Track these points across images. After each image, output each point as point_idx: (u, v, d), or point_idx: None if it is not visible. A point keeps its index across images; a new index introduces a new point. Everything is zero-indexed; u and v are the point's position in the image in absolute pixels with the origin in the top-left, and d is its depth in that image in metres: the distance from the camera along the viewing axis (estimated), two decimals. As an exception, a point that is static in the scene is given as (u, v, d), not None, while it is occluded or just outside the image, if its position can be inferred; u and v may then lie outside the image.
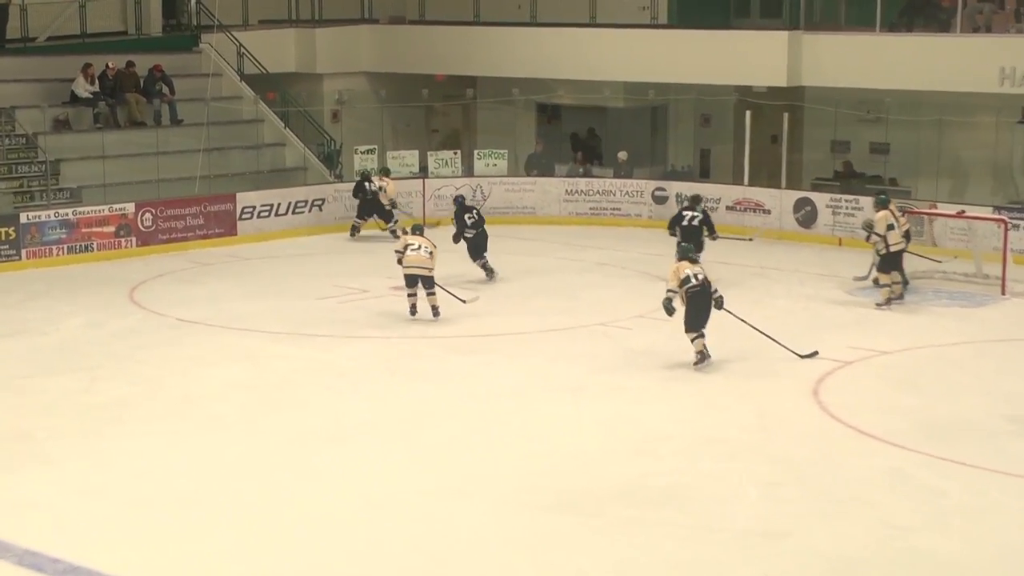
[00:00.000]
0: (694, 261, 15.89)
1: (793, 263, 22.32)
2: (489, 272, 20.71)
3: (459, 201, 21.53)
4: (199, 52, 27.97)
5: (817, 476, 12.26)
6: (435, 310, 18.09)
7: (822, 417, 14.06)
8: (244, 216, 24.47)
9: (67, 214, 22.39)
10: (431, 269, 18.11)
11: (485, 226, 21.02)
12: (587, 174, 27.56)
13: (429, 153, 27.40)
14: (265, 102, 27.36)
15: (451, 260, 20.06)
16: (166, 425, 13.73)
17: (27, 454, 12.78)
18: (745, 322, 16.06)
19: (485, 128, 30.44)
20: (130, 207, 23.15)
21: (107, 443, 13.15)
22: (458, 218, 20.99)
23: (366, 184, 24.78)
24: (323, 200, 25.48)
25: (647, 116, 29.62)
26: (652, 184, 26.54)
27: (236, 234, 24.30)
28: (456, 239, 20.82)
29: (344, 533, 10.86)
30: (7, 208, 22.43)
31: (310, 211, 25.31)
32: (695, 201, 20.95)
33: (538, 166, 27.96)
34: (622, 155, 27.38)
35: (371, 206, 24.78)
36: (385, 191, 24.68)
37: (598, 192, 26.66)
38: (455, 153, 27.50)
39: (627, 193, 26.40)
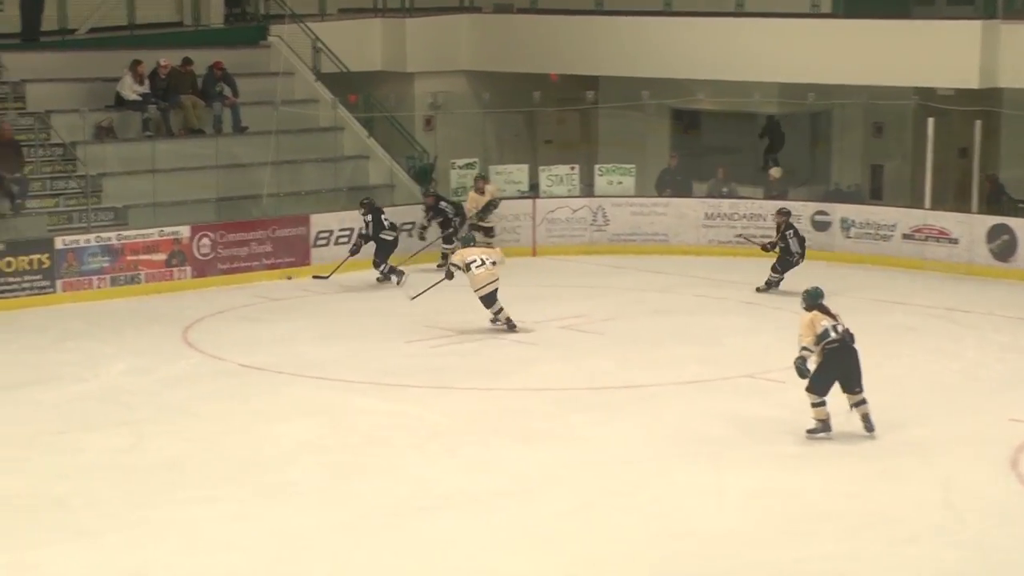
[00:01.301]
0: (827, 309, 15.50)
1: (986, 304, 22.06)
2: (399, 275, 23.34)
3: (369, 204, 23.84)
4: (267, 47, 28.35)
5: (1017, 567, 12.07)
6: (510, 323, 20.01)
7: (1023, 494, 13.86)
8: (319, 242, 24.73)
9: (110, 239, 22.83)
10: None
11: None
12: (732, 193, 27.46)
13: (540, 168, 27.45)
14: (345, 106, 27.64)
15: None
16: (224, 492, 13.88)
17: (60, 525, 12.97)
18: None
19: (608, 139, 30.41)
20: (184, 231, 23.54)
21: (154, 513, 13.30)
22: (376, 220, 23.44)
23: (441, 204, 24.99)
24: (413, 223, 25.63)
25: (806, 124, 29.52)
26: (812, 206, 26.40)
27: (310, 263, 24.58)
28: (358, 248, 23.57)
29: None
30: (41, 231, 22.90)
31: (423, 242, 25.42)
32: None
33: (672, 184, 27.93)
34: (775, 171, 27.27)
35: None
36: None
37: (745, 216, 26.57)
38: (572, 168, 27.54)
39: (781, 218, 26.26)
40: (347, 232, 24.89)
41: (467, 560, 12.17)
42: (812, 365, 15.26)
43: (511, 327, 19.98)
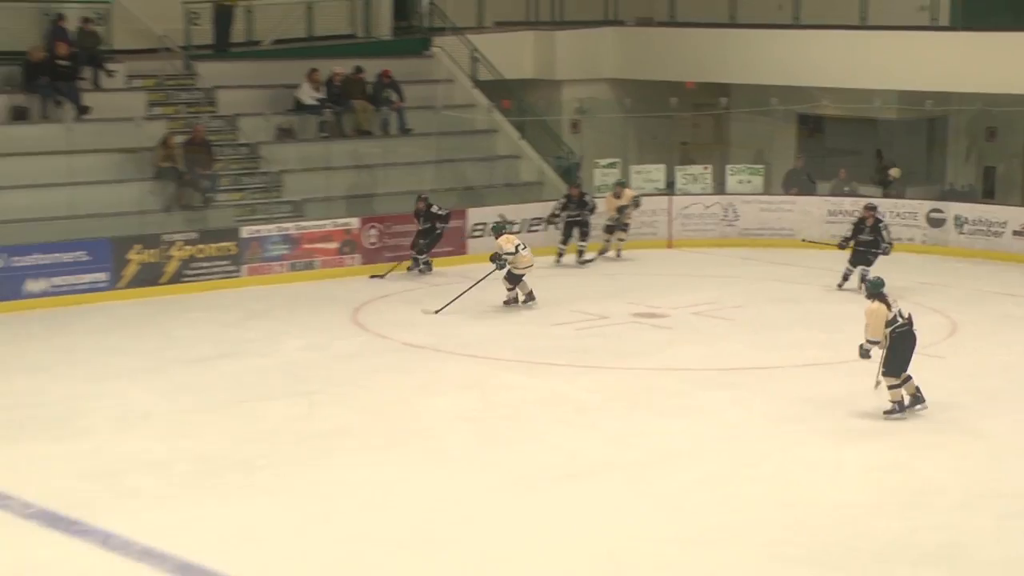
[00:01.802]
0: (887, 298, 15.14)
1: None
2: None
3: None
4: (430, 56, 28.54)
5: (1116, 540, 11.84)
6: (531, 295, 20.88)
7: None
8: (475, 233, 24.84)
9: (289, 229, 23.12)
10: None
11: None
12: (853, 192, 27.14)
13: (677, 168, 27.36)
14: (500, 110, 27.75)
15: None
16: (388, 457, 14.03)
17: (244, 483, 13.22)
18: None
19: (739, 141, 30.23)
20: (355, 222, 23.77)
21: (326, 474, 13.49)
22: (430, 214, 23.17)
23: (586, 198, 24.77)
24: (559, 217, 25.63)
25: (923, 129, 29.05)
26: (927, 205, 26.00)
27: (466, 252, 24.69)
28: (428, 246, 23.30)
29: (578, 581, 10.92)
30: (228, 222, 23.25)
31: (546, 229, 25.49)
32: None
33: (798, 183, 27.67)
34: (894, 172, 26.91)
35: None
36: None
37: (865, 213, 26.25)
38: (705, 168, 27.40)
39: (899, 214, 25.84)
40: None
41: (605, 524, 12.16)
42: (875, 353, 15.08)
43: (531, 297, 20.87)
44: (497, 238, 20.84)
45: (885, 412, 15.12)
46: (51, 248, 20.94)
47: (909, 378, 15.15)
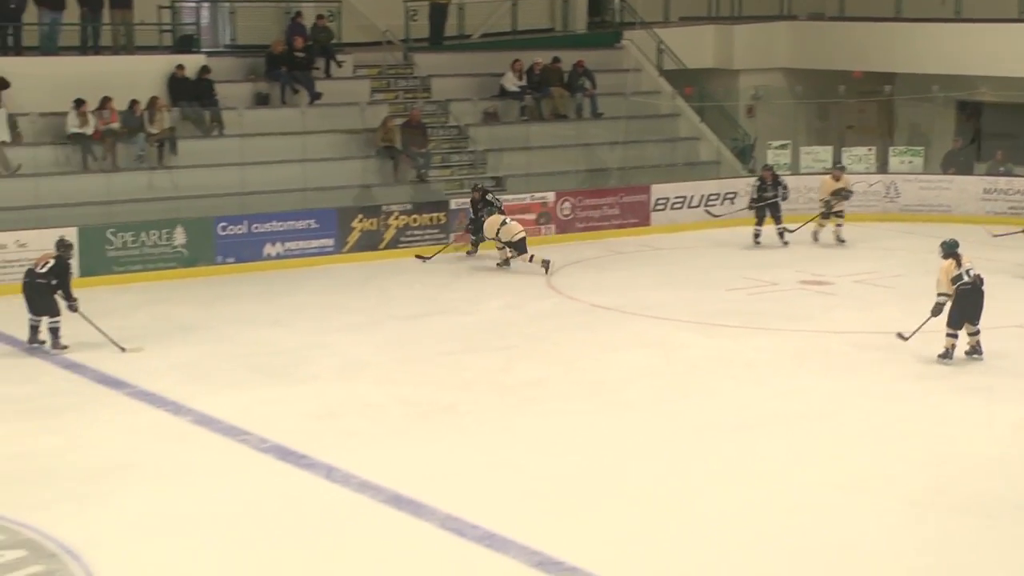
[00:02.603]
0: (961, 257, 15.23)
1: None
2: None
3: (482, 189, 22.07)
4: (621, 48, 28.36)
5: None
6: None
7: None
8: (657, 207, 24.66)
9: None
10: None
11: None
12: (1008, 172, 26.23)
13: (843, 149, 26.78)
14: (682, 97, 27.50)
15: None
16: (577, 406, 14.00)
17: (449, 426, 13.32)
18: None
19: (902, 125, 29.50)
20: (550, 196, 23.76)
21: (523, 419, 13.53)
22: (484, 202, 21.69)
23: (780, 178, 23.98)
24: (735, 193, 25.27)
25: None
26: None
27: (649, 224, 24.53)
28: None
29: (744, 523, 10.76)
30: (438, 195, 23.44)
31: (722, 204, 25.21)
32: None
33: (956, 164, 26.84)
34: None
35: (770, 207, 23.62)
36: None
37: (1019, 191, 25.34)
38: (869, 150, 26.77)
39: (1053, 193, 24.91)
40: (681, 199, 24.81)
41: (771, 470, 11.99)
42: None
43: (546, 265, 20.45)
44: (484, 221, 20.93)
45: (939, 356, 15.23)
46: (286, 216, 21.33)
47: (976, 332, 15.16)
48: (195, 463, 12.17)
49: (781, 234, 23.06)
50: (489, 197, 21.79)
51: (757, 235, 23.17)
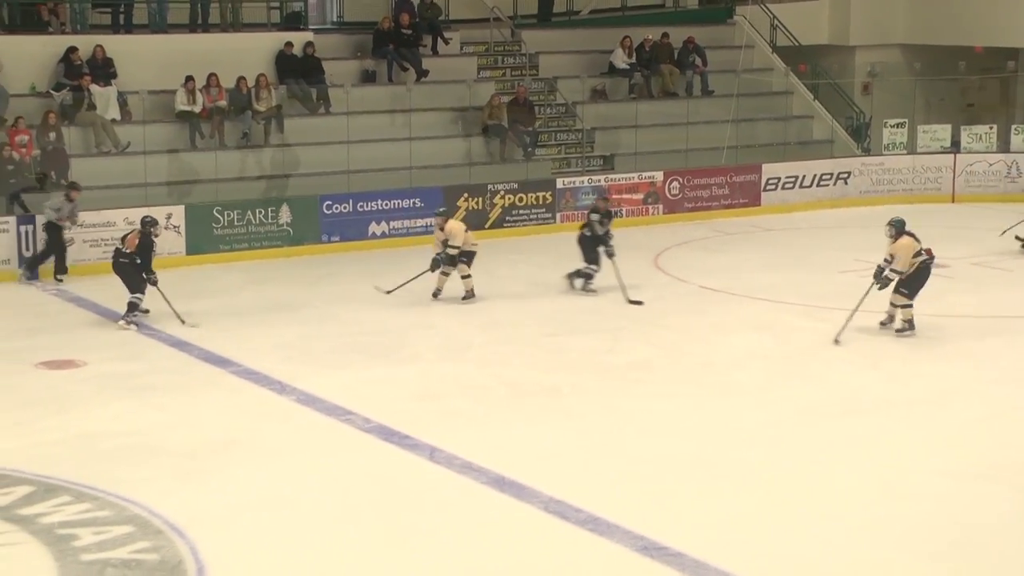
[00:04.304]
0: (913, 235, 15.57)
1: None
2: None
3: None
4: (733, 24, 28.12)
5: None
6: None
7: None
8: (768, 187, 24.44)
9: (599, 180, 23.14)
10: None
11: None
12: None
13: (963, 127, 26.28)
14: (796, 74, 27.20)
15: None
16: (684, 388, 13.95)
17: (552, 408, 13.34)
18: None
19: (1024, 102, 28.91)
20: (659, 175, 23.66)
21: (628, 402, 13.50)
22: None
23: None
24: (849, 173, 25.06)
25: None
26: None
27: (759, 204, 24.33)
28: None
29: (853, 510, 10.64)
30: (546, 174, 23.44)
31: (835, 184, 24.96)
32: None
33: (1079, 143, 26.23)
34: None
35: None
36: None
37: None
38: (991, 128, 26.22)
39: None
40: (792, 179, 24.55)
41: (882, 456, 11.83)
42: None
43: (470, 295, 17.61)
44: (442, 227, 17.66)
45: (897, 331, 15.63)
46: (391, 195, 21.50)
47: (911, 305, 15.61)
48: (299, 442, 12.32)
49: None
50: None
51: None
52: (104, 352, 15.19)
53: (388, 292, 17.59)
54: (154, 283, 16.25)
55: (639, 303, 17.27)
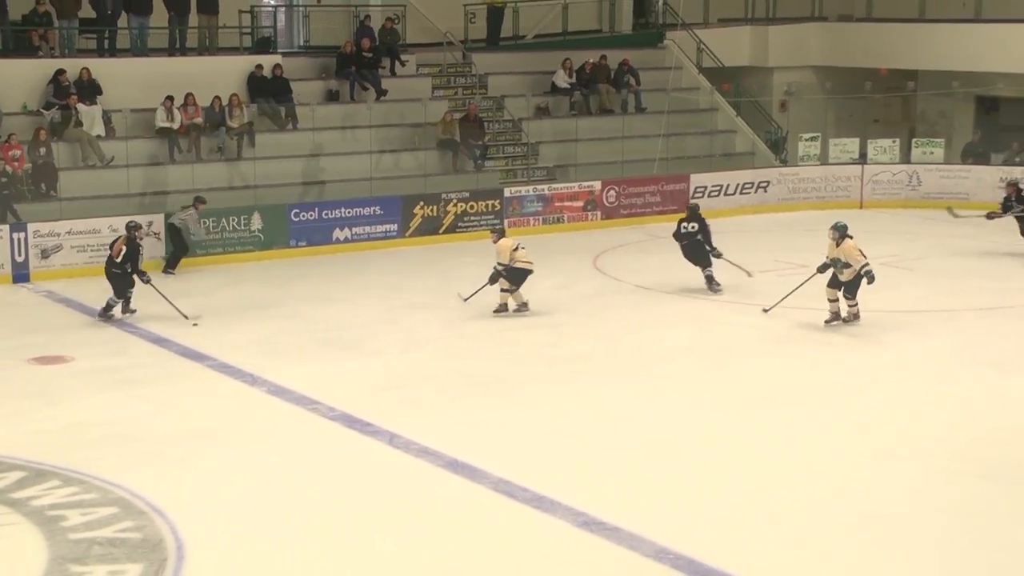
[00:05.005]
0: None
1: None
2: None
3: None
4: (663, 48, 28.13)
5: None
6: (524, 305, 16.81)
7: None
8: (696, 195, 24.45)
9: (543, 190, 23.14)
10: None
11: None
12: (1023, 163, 25.83)
13: (869, 141, 26.48)
14: (720, 93, 27.28)
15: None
16: (622, 378, 13.96)
17: (503, 396, 13.31)
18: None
19: (924, 119, 29.16)
20: (597, 185, 23.66)
21: (571, 390, 13.49)
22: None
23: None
24: (768, 182, 25.19)
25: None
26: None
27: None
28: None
29: (774, 485, 10.69)
30: (494, 183, 23.39)
31: (756, 192, 25.06)
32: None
33: (974, 155, 26.46)
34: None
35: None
36: None
37: (1034, 180, 24.96)
38: (893, 141, 26.44)
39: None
40: (718, 188, 24.63)
41: (803, 439, 11.90)
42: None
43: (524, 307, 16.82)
44: (496, 242, 16.89)
45: (826, 321, 15.77)
46: (353, 203, 21.37)
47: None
48: (269, 429, 12.23)
49: None
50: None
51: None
52: (91, 348, 15.02)
53: (466, 299, 17.03)
54: (147, 282, 16.16)
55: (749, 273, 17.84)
